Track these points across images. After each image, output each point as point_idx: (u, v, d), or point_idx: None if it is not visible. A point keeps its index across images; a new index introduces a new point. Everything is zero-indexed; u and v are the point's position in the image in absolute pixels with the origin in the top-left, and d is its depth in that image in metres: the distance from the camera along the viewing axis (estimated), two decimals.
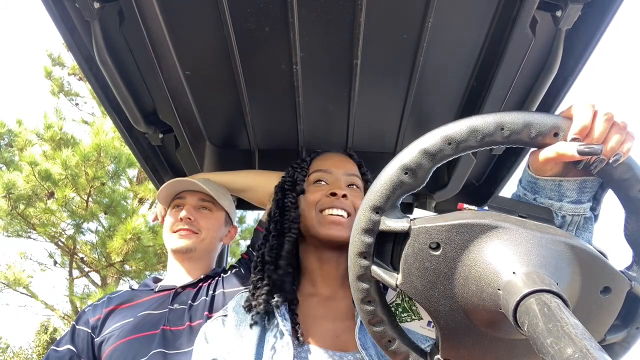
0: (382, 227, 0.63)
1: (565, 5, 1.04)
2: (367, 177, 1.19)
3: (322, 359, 0.90)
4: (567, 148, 0.60)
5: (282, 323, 0.95)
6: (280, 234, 1.10)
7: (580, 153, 0.59)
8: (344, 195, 1.06)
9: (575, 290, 0.58)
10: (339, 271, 1.08)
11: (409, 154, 0.62)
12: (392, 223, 0.62)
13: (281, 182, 1.20)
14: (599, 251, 0.61)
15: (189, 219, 1.51)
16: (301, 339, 0.94)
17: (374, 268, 0.64)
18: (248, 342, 0.95)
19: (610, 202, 0.69)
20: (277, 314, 0.97)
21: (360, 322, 0.94)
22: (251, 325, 0.99)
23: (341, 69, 1.30)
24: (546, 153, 0.62)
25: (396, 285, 0.62)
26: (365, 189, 1.14)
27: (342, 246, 1.05)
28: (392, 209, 0.63)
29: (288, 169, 1.22)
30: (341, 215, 1.04)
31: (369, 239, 0.64)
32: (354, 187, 1.13)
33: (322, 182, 1.12)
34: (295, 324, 0.96)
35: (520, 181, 0.74)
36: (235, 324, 1.01)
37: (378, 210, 0.63)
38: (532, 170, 0.68)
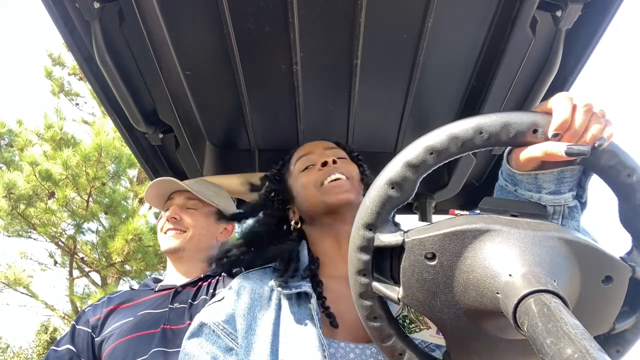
0: (376, 243, 0.63)
1: (565, 5, 1.04)
2: (349, 149, 1.20)
3: (346, 353, 0.85)
4: (555, 148, 0.60)
5: (318, 321, 0.86)
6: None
7: (569, 154, 0.59)
8: (334, 161, 1.05)
9: (576, 284, 0.58)
10: None
11: (393, 168, 0.63)
12: (386, 238, 0.62)
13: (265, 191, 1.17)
14: None
15: (174, 218, 1.52)
16: (328, 330, 0.87)
17: (375, 284, 0.64)
18: (263, 329, 0.87)
19: (605, 191, 0.69)
20: (313, 312, 0.87)
21: None
22: (259, 310, 0.91)
23: (341, 69, 1.30)
24: (533, 152, 0.62)
25: (398, 299, 0.62)
26: (351, 155, 1.16)
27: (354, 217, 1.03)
28: (385, 224, 0.64)
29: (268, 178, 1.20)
30: (341, 178, 1.03)
31: (365, 257, 0.64)
32: (340, 158, 1.11)
33: (309, 165, 1.10)
34: (326, 313, 0.89)
35: (501, 172, 0.73)
36: (245, 309, 0.91)
37: (370, 227, 0.63)
38: (512, 166, 0.68)
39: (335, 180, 1.02)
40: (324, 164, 1.04)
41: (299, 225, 1.10)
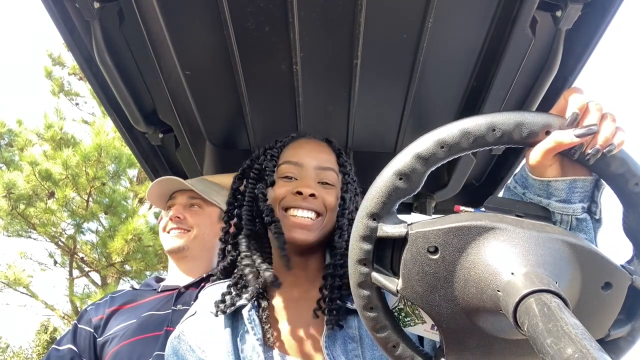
0: (379, 233, 0.63)
1: (565, 5, 1.04)
2: (346, 168, 1.07)
3: None
4: (564, 135, 0.60)
5: (253, 331, 0.90)
6: (257, 229, 1.02)
7: (579, 136, 0.59)
8: (312, 195, 0.96)
9: (575, 287, 0.58)
10: (307, 273, 1.01)
11: (402, 159, 0.63)
12: (389, 229, 0.62)
13: (246, 169, 1.08)
14: None
15: (178, 217, 1.52)
16: (270, 344, 0.90)
17: (374, 274, 0.64)
18: (223, 349, 0.90)
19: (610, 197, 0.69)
20: (246, 320, 0.91)
21: (327, 329, 0.90)
22: (221, 328, 0.94)
23: (341, 69, 1.30)
24: (545, 145, 0.62)
25: (397, 290, 0.62)
26: (344, 182, 1.04)
27: (308, 250, 0.99)
28: (389, 215, 0.64)
29: (258, 153, 1.10)
30: (308, 217, 0.96)
31: (367, 246, 0.64)
32: (327, 183, 1.02)
33: (291, 177, 1.01)
34: (265, 329, 0.91)
35: (515, 174, 0.74)
36: (208, 327, 0.95)
37: (375, 216, 0.63)
38: (529, 170, 0.68)
39: (301, 217, 0.95)
40: (299, 193, 0.96)
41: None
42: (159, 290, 1.47)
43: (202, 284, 1.46)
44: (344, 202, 1.01)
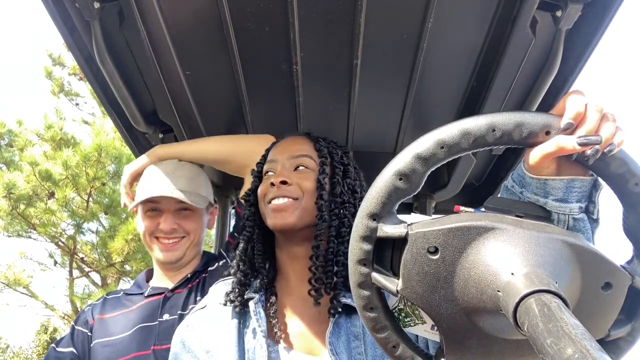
0: (379, 233, 0.63)
1: (565, 5, 1.05)
2: (323, 152, 1.07)
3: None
4: (567, 141, 0.60)
5: (257, 323, 0.93)
6: (262, 234, 1.08)
7: (581, 144, 0.59)
8: (284, 182, 1.00)
9: (575, 288, 0.58)
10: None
11: (402, 160, 0.62)
12: (389, 229, 0.62)
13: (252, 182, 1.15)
14: None
15: (174, 229, 1.41)
16: (276, 338, 0.92)
17: (374, 275, 0.64)
18: (229, 340, 0.93)
19: (610, 197, 0.69)
20: (252, 313, 0.95)
21: (332, 325, 0.93)
22: (229, 321, 0.97)
23: (341, 69, 1.30)
24: (545, 147, 0.62)
25: (397, 291, 0.62)
26: (323, 164, 1.05)
27: (301, 237, 1.02)
28: (389, 215, 0.63)
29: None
30: (283, 203, 0.99)
31: (367, 246, 0.64)
32: (302, 168, 1.05)
33: (270, 173, 1.06)
34: (271, 324, 0.95)
35: (512, 173, 0.74)
36: (216, 320, 0.98)
37: (375, 217, 0.63)
38: (526, 169, 0.68)
39: (277, 204, 0.99)
40: (272, 184, 1.00)
41: None
42: (146, 295, 1.41)
43: (189, 285, 1.41)
44: (320, 184, 1.02)
